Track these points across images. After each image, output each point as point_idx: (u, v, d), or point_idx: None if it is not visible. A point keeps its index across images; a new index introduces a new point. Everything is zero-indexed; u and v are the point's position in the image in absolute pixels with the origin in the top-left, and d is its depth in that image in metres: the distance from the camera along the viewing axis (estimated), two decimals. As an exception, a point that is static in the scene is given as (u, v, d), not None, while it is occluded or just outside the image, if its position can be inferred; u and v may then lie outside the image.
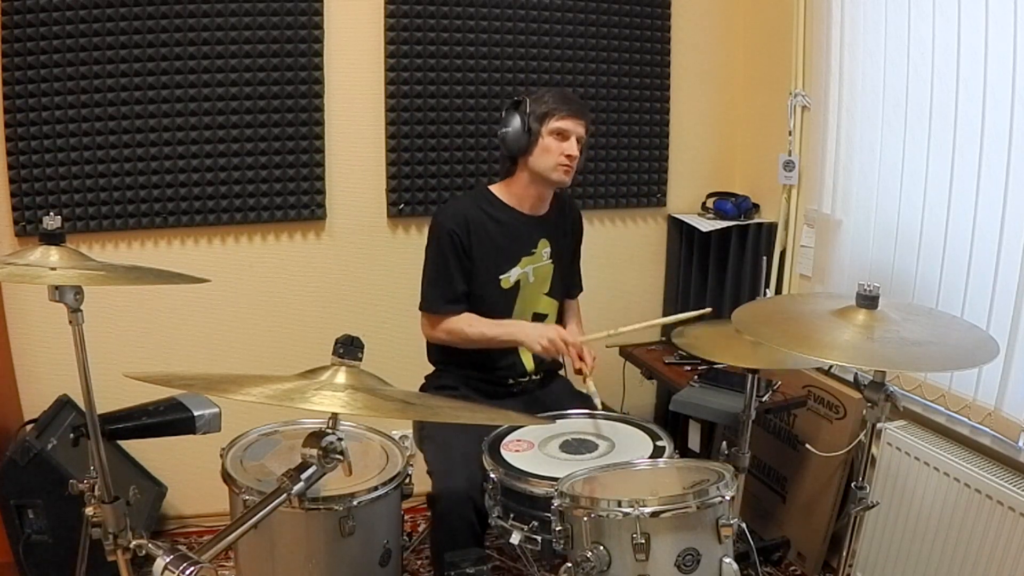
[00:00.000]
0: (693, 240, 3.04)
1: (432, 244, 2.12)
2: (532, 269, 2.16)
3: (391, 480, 1.72)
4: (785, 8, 2.77)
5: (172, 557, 1.11)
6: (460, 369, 2.19)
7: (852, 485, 1.68)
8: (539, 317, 2.21)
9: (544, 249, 2.19)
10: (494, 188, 2.19)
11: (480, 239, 2.09)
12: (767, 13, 2.94)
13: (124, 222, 2.54)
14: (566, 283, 2.30)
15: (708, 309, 2.17)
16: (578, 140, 2.07)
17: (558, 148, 2.05)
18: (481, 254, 2.10)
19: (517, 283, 2.15)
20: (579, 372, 2.05)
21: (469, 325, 2.08)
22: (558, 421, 1.98)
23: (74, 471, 1.86)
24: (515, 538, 1.69)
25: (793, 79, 2.76)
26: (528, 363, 2.21)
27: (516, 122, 2.06)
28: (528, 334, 2.04)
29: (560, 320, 2.30)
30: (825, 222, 2.64)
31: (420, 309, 2.14)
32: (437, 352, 2.25)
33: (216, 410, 1.76)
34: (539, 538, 1.65)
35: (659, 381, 2.89)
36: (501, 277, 2.12)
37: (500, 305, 2.14)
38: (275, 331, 2.74)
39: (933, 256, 2.22)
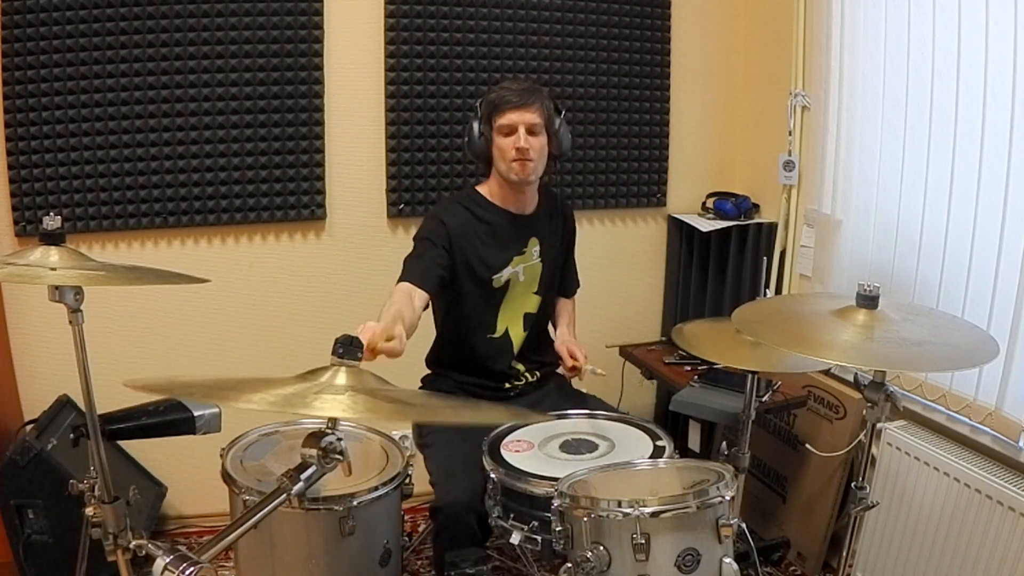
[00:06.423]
0: (693, 240, 3.04)
1: (421, 228, 2.09)
2: (523, 268, 2.16)
3: (391, 480, 1.73)
4: (785, 8, 2.77)
5: (172, 557, 1.11)
6: (456, 374, 2.19)
7: (852, 485, 1.68)
8: (528, 316, 2.20)
9: (534, 248, 2.18)
10: (481, 188, 2.18)
11: (472, 243, 2.08)
12: (767, 13, 2.94)
13: (124, 222, 2.54)
14: (556, 282, 2.28)
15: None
16: (530, 130, 1.99)
17: (508, 144, 2.00)
18: (474, 256, 2.08)
19: (507, 282, 2.14)
20: (574, 371, 2.07)
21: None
22: (558, 421, 1.97)
23: (74, 471, 1.86)
24: (515, 538, 1.69)
25: (793, 79, 2.76)
26: (521, 368, 2.21)
27: (473, 129, 2.05)
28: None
29: (546, 318, 2.27)
30: (825, 222, 2.64)
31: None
32: (434, 355, 2.24)
33: (216, 410, 1.76)
34: (539, 538, 1.65)
35: (659, 381, 2.90)
36: (493, 278, 2.12)
37: (490, 303, 2.14)
38: (275, 331, 2.74)
39: (933, 256, 2.22)
